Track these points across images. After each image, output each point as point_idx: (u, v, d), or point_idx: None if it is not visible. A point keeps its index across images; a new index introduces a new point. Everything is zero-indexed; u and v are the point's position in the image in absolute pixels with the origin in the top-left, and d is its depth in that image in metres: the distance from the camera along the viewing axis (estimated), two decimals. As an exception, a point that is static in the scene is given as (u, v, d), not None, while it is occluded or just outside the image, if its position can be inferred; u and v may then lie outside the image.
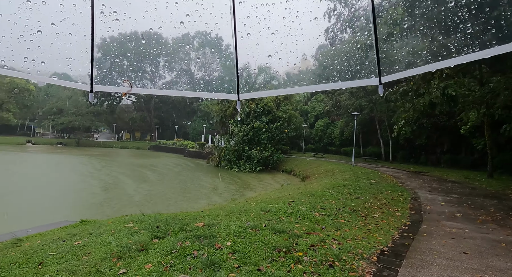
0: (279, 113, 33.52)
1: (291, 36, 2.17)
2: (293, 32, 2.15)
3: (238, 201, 10.95)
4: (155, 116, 73.45)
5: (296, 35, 2.15)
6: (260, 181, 21.46)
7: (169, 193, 14.98)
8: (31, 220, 8.82)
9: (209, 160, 35.64)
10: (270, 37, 2.23)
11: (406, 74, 2.04)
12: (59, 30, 1.96)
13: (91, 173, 21.45)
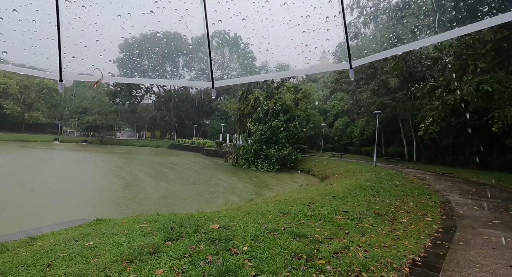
0: (298, 112, 33.01)
1: (261, 21, 2.13)
2: (264, 17, 2.11)
3: (256, 201, 10.69)
4: (174, 115, 74.65)
5: (267, 20, 2.12)
6: (278, 180, 21.12)
7: (187, 192, 14.97)
8: (50, 216, 8.99)
9: (227, 159, 35.66)
10: (241, 23, 2.18)
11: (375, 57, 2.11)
12: (21, 17, 1.86)
13: (113, 171, 21.93)
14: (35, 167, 22.65)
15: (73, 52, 2.13)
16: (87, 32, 2.12)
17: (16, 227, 7.86)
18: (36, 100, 70.73)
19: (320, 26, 2.09)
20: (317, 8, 2.03)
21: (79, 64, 2.18)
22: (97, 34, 2.15)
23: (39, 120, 70.73)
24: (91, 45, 2.17)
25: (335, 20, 2.01)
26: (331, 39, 2.16)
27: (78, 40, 2.12)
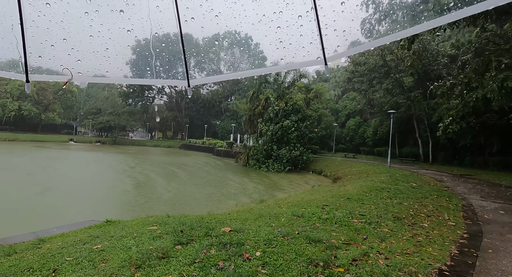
0: (309, 112, 32.60)
1: (234, 18, 2.13)
2: (236, 14, 2.11)
3: (267, 202, 10.49)
4: (185, 116, 75.26)
5: (240, 17, 2.12)
6: (290, 181, 20.84)
7: (198, 193, 14.89)
8: (62, 217, 9.04)
9: (237, 159, 35.56)
10: (214, 19, 2.19)
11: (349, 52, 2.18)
12: None
13: (125, 171, 22.14)
14: (50, 167, 23.11)
15: (39, 51, 2.04)
16: (53, 30, 2.03)
17: (28, 227, 7.90)
18: (52, 101, 72.63)
19: (293, 22, 2.10)
20: (289, 4, 2.02)
21: (46, 63, 2.11)
22: (64, 32, 2.07)
23: (55, 120, 72.62)
24: (58, 44, 2.08)
25: (307, 15, 2.01)
26: (305, 35, 2.15)
27: (44, 39, 2.03)
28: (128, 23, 2.19)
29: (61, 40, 2.07)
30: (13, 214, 9.77)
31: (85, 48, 2.18)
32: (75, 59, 2.14)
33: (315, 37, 2.05)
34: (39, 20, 1.95)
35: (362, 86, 32.53)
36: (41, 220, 8.72)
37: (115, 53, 2.30)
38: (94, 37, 2.16)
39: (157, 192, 14.07)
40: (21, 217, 9.60)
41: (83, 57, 2.18)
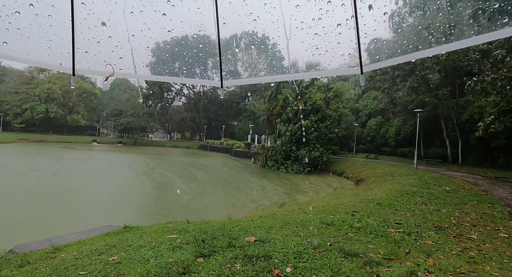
0: (329, 112, 31.78)
1: (272, 22, 2.17)
2: (275, 19, 2.15)
3: (289, 206, 10.04)
4: (203, 117, 75.89)
5: (278, 22, 2.15)
6: (310, 183, 20.25)
7: (217, 195, 14.65)
8: (82, 219, 9.01)
9: (255, 160, 35.23)
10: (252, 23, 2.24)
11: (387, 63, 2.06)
12: (37, 11, 1.96)
13: (145, 172, 22.33)
14: (74, 167, 23.70)
15: (86, 47, 2.16)
16: (100, 28, 2.15)
17: (48, 230, 7.87)
18: (77, 103, 75.40)
19: (331, 29, 2.08)
20: (329, 11, 2.02)
21: (91, 59, 2.22)
22: (110, 30, 2.17)
23: (79, 122, 75.32)
24: (104, 41, 2.18)
25: (347, 24, 2.00)
26: (343, 43, 2.12)
27: (91, 36, 2.15)
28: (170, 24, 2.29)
29: (106, 38, 2.18)
30: (35, 215, 9.85)
31: (127, 46, 2.25)
32: (118, 56, 2.23)
33: (353, 46, 2.03)
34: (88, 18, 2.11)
35: (384, 85, 31.32)
36: (61, 223, 8.71)
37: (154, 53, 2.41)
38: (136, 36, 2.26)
39: (176, 194, 13.94)
40: (42, 219, 9.66)
41: (124, 54, 2.25)
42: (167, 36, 2.35)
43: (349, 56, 2.14)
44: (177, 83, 76.85)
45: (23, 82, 71.23)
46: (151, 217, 9.60)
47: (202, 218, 10.13)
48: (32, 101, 66.40)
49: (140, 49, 2.31)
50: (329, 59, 2.23)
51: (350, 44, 2.06)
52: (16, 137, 57.91)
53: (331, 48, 2.15)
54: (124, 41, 2.22)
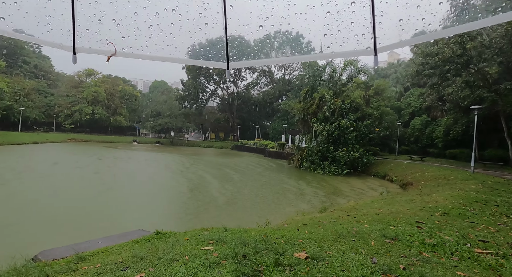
0: (369, 110, 29.96)
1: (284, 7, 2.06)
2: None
3: (334, 212, 9.13)
4: (237, 117, 76.36)
5: None
6: (351, 186, 18.95)
7: (253, 196, 14.08)
8: (117, 218, 8.91)
9: (290, 160, 34.30)
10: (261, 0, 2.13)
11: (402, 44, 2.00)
12: None
13: (181, 171, 22.51)
14: (115, 166, 24.65)
15: (87, 25, 2.07)
16: (102, 4, 2.04)
17: (82, 231, 7.78)
18: (119, 105, 79.90)
19: (345, 7, 1.94)
20: None
21: (92, 37, 2.11)
22: (111, 7, 2.06)
23: (121, 123, 79.73)
24: (105, 19, 2.09)
25: (362, 1, 1.89)
26: (356, 22, 1.98)
27: (92, 13, 2.05)
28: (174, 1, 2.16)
29: (108, 15, 2.07)
30: (74, 214, 9.97)
31: (130, 25, 2.12)
32: (120, 35, 2.11)
33: (367, 25, 1.95)
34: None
35: (432, 80, 28.70)
36: (95, 222, 8.63)
37: (158, 32, 2.18)
38: (138, 14, 2.12)
39: (211, 195, 13.61)
40: (80, 217, 9.74)
41: (127, 33, 2.12)
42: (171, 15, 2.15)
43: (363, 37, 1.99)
44: (212, 84, 78.28)
45: (73, 86, 77.09)
46: (185, 220, 9.26)
47: (238, 221, 9.59)
48: (80, 104, 71.49)
49: (143, 28, 2.12)
50: (342, 40, 2.07)
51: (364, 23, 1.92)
52: (66, 137, 62.63)
53: (344, 28, 2.01)
54: (126, 19, 2.08)
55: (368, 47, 1.98)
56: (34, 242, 6.99)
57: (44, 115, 66.95)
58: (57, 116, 69.96)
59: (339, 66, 33.09)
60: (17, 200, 11.16)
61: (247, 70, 77.07)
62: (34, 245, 6.80)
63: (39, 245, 6.67)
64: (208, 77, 75.63)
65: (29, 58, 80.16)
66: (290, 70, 79.25)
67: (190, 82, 74.11)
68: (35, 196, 12.01)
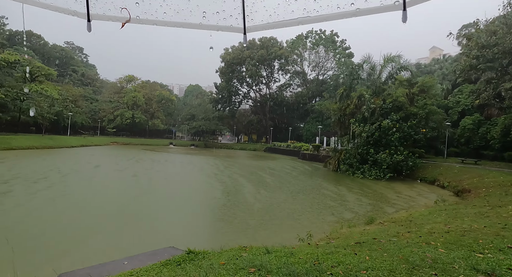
0: (414, 109, 27.61)
1: None
2: None
3: (386, 225, 8.02)
4: (269, 119, 75.77)
5: None
6: (397, 192, 17.31)
7: (290, 203, 13.23)
8: (148, 230, 8.59)
9: (326, 163, 32.84)
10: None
11: None
12: None
13: (215, 174, 22.30)
14: (153, 169, 25.17)
15: None
16: None
17: (112, 242, 7.51)
18: (157, 109, 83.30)
19: None
20: None
21: (106, 3, 2.03)
22: None
23: (158, 126, 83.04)
24: None
25: None
26: None
27: None
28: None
29: None
30: (108, 220, 9.88)
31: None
32: (134, 1, 2.01)
33: None
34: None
35: (487, 75, 25.71)
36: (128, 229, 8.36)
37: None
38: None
39: (246, 201, 13.00)
40: (113, 223, 9.61)
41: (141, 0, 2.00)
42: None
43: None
44: (244, 86, 78.55)
45: (115, 91, 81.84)
46: (220, 232, 8.70)
47: (276, 232, 8.84)
48: (122, 109, 75.58)
49: None
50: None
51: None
52: (109, 140, 66.41)
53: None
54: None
55: (396, 1, 1.82)
56: (66, 250, 6.83)
57: (90, 120, 71.71)
58: (101, 120, 74.58)
59: (378, 63, 31.11)
60: (58, 205, 11.43)
61: (279, 71, 76.30)
62: (67, 253, 6.63)
63: (72, 254, 6.50)
64: (241, 79, 76.01)
65: (78, 67, 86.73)
66: (324, 70, 77.09)
67: (224, 85, 75.00)
68: (76, 199, 12.28)
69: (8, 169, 19.45)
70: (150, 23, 2.16)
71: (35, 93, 45.86)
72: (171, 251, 4.16)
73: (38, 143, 41.77)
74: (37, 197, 11.89)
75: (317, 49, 75.04)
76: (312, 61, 77.03)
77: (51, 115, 50.63)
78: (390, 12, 1.92)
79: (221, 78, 75.91)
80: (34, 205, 10.67)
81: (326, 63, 76.09)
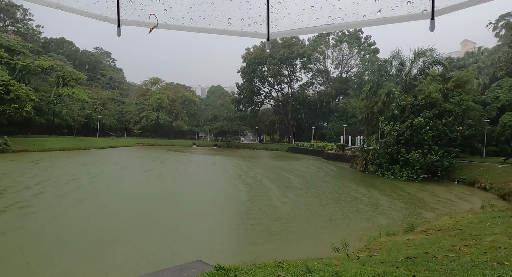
0: (449, 106, 25.83)
1: None
2: None
3: (432, 233, 7.21)
4: (292, 118, 74.75)
5: None
6: (434, 195, 16.07)
7: (318, 207, 12.54)
8: (173, 234, 8.29)
9: (353, 163, 31.60)
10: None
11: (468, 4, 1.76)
12: None
13: (239, 176, 21.97)
14: (177, 169, 25.31)
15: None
16: None
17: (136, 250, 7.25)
18: (180, 110, 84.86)
19: None
20: None
21: (136, 9, 2.10)
22: None
23: (182, 127, 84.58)
24: None
25: None
26: None
27: None
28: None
29: None
30: (130, 229, 9.74)
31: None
32: (162, 7, 2.09)
33: None
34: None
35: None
36: (150, 242, 8.11)
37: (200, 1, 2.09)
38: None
39: (272, 204, 12.46)
40: (135, 234, 9.44)
41: (169, 4, 2.09)
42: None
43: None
44: (266, 86, 78.02)
45: (140, 94, 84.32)
46: (248, 240, 8.19)
47: (307, 240, 8.27)
48: (147, 110, 77.69)
49: None
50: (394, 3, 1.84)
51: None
52: (135, 141, 68.42)
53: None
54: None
55: (424, 10, 1.81)
56: (84, 260, 6.65)
57: (117, 121, 74.28)
58: (127, 122, 77.06)
59: (408, 58, 29.43)
60: (85, 207, 11.50)
61: (302, 70, 75.07)
62: (85, 264, 6.44)
63: (90, 265, 6.30)
64: (263, 79, 75.54)
65: (106, 71, 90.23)
66: (348, 67, 74.91)
67: (245, 85, 74.92)
68: (102, 202, 12.33)
69: (42, 170, 20.22)
70: (176, 28, 2.22)
71: (66, 96, 48.05)
72: (198, 266, 3.75)
73: (70, 145, 43.70)
74: (66, 199, 12.05)
75: (341, 46, 73.04)
76: (335, 58, 75.10)
77: (81, 118, 52.89)
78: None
79: (242, 78, 75.88)
80: (61, 208, 10.77)
81: (350, 60, 73.90)
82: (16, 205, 10.67)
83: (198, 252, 6.90)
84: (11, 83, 34.44)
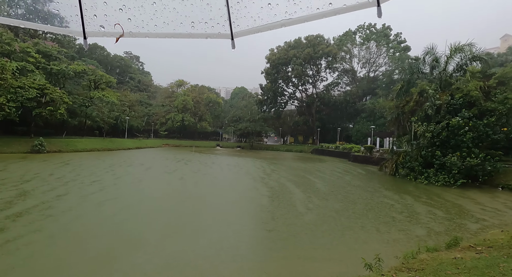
0: (490, 105, 23.61)
1: None
2: None
3: (489, 254, 6.18)
4: (316, 119, 73.08)
5: None
6: (477, 203, 14.52)
7: (346, 215, 11.60)
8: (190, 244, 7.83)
9: (381, 167, 29.98)
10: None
11: None
12: None
13: (262, 178, 21.37)
14: (200, 171, 25.21)
15: (94, 9, 2.10)
16: None
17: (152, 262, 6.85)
18: (205, 112, 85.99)
19: None
20: None
21: (100, 21, 2.14)
22: None
23: (206, 128, 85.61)
24: (111, 1, 2.08)
25: None
26: None
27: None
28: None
29: None
30: (147, 236, 9.44)
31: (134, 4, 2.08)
32: (126, 17, 2.11)
33: None
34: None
35: None
36: (166, 253, 7.71)
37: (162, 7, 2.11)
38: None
39: (296, 210, 11.71)
40: (152, 241, 9.11)
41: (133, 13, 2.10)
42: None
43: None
44: (290, 87, 76.95)
45: (166, 96, 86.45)
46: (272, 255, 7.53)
47: (336, 253, 7.49)
48: (172, 112, 79.44)
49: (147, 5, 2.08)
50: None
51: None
52: (161, 142, 70.10)
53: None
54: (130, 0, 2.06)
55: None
56: (96, 270, 6.35)
57: (145, 123, 76.58)
58: (154, 124, 79.24)
59: (443, 54, 27.37)
60: (105, 210, 11.43)
61: (327, 69, 73.24)
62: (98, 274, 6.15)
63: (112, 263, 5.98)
64: (287, 80, 74.59)
65: (135, 74, 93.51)
66: (376, 66, 72.08)
67: (269, 86, 74.37)
68: (122, 204, 12.25)
69: (70, 170, 20.85)
70: (142, 36, 2.24)
71: (97, 99, 50.11)
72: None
73: (99, 146, 45.43)
74: (88, 200, 12.09)
75: (368, 44, 70.41)
76: (362, 57, 72.59)
77: (111, 120, 54.92)
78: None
79: (266, 79, 75.39)
80: (83, 210, 10.74)
81: (378, 59, 71.07)
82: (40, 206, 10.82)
83: (216, 266, 6.37)
84: (46, 86, 36.34)
